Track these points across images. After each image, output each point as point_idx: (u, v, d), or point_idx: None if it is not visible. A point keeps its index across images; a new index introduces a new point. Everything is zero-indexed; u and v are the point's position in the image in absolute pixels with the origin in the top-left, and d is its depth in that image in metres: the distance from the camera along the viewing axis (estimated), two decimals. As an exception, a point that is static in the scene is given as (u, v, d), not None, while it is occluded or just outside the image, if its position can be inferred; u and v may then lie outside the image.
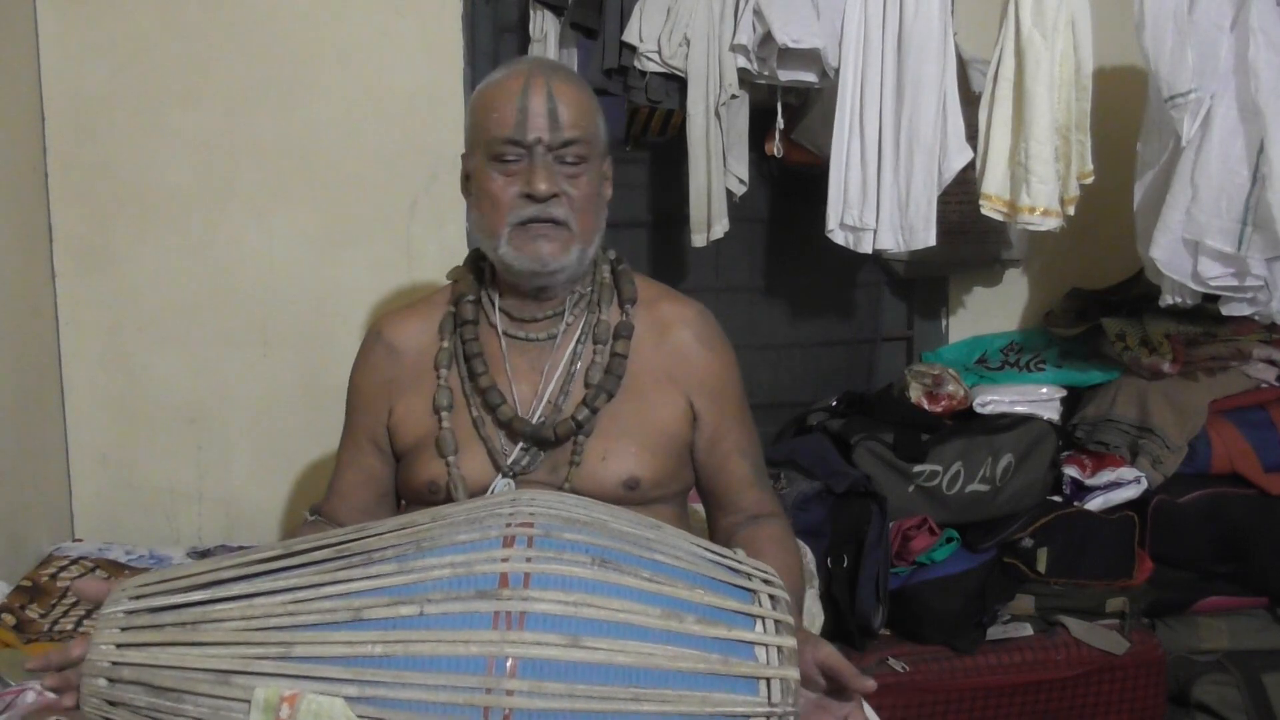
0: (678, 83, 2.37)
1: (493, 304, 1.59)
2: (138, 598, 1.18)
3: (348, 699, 1.08)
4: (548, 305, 1.56)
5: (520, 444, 1.52)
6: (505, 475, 1.52)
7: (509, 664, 1.08)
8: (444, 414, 1.54)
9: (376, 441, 1.62)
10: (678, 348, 1.59)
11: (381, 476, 1.64)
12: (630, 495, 1.51)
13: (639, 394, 1.55)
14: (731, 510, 1.63)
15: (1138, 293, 2.68)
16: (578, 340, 1.55)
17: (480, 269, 1.62)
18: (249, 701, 1.09)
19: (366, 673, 1.09)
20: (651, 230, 2.84)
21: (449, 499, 1.50)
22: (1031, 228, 2.32)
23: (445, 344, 1.59)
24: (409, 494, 1.61)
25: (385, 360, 1.62)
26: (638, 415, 1.54)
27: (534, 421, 1.52)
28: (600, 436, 1.52)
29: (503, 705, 1.07)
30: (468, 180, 1.56)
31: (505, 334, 1.57)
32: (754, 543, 1.53)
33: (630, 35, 2.34)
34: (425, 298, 1.68)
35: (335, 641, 1.10)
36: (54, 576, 2.18)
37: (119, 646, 1.14)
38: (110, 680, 1.14)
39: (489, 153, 1.49)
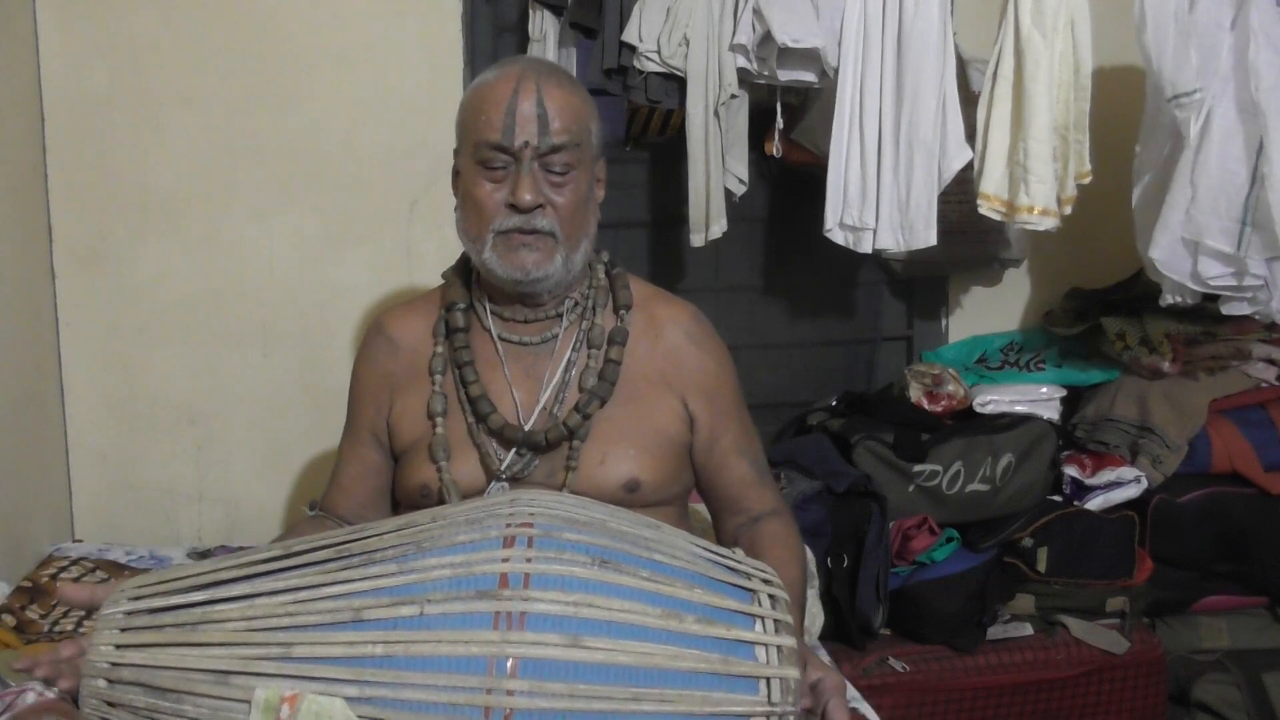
0: (677, 83, 2.37)
1: (485, 309, 1.58)
2: (137, 598, 1.18)
3: (348, 699, 1.08)
4: (540, 309, 1.56)
5: (515, 450, 1.52)
6: (499, 480, 1.51)
7: (509, 664, 1.08)
8: (438, 419, 1.54)
9: (376, 435, 1.62)
10: (670, 349, 1.59)
11: (381, 470, 1.64)
12: (631, 498, 1.50)
13: (635, 397, 1.55)
14: (735, 511, 1.63)
15: (1138, 292, 2.68)
16: (573, 346, 1.55)
17: (471, 271, 1.61)
18: (249, 702, 1.09)
19: (367, 673, 1.09)
20: (651, 230, 2.84)
21: (440, 504, 1.50)
22: (1029, 227, 2.32)
23: (439, 349, 1.58)
24: (402, 496, 1.61)
25: (386, 354, 1.62)
26: (634, 418, 1.54)
27: (527, 428, 1.51)
28: (597, 440, 1.51)
29: (503, 705, 1.07)
30: (457, 176, 1.55)
31: (501, 338, 1.56)
32: (756, 545, 1.53)
33: (630, 35, 2.34)
34: (426, 295, 1.68)
35: (336, 642, 1.11)
36: (54, 577, 2.18)
37: (118, 647, 1.14)
38: (110, 681, 1.14)
39: (475, 156, 1.47)
